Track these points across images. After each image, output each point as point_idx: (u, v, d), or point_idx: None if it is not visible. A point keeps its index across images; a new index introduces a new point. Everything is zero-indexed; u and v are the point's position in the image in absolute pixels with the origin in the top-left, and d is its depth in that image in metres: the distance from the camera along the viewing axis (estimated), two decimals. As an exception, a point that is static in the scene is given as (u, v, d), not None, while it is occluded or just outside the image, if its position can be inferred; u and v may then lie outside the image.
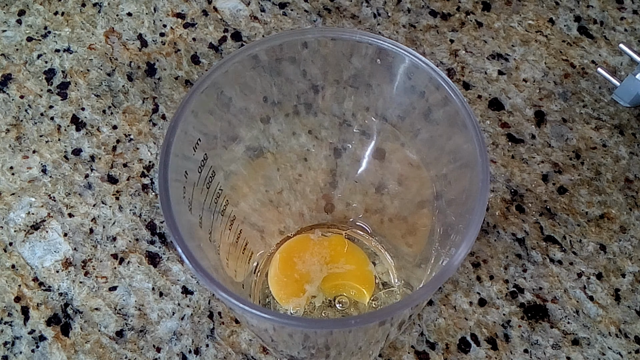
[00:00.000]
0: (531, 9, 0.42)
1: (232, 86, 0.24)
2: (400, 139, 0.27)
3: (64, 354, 0.32)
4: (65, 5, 0.43)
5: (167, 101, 0.39)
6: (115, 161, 0.37)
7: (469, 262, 0.34)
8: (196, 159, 0.23)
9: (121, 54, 0.41)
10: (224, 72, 0.22)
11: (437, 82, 0.22)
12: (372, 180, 0.31)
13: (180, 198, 0.21)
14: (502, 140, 0.38)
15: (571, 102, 0.39)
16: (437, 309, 0.33)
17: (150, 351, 0.32)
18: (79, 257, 0.34)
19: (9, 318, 0.33)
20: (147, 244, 0.35)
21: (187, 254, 0.19)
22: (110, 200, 0.36)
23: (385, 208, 0.32)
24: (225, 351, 0.32)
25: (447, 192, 0.25)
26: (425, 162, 0.27)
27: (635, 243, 0.35)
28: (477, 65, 0.40)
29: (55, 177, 0.37)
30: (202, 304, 0.33)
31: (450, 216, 0.24)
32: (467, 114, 0.21)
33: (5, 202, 0.36)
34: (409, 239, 0.31)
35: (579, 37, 0.41)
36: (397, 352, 0.32)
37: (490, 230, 0.35)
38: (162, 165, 0.20)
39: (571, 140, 0.38)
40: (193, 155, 0.22)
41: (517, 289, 0.33)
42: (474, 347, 0.32)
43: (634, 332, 0.32)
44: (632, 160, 0.37)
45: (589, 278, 0.34)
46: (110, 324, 0.33)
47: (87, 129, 0.38)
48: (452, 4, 0.43)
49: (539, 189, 0.36)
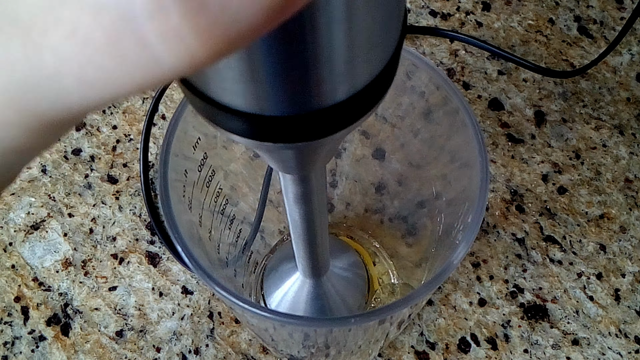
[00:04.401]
0: (531, 9, 0.42)
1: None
2: (400, 139, 0.27)
3: (64, 354, 0.32)
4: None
5: (167, 101, 0.39)
6: (115, 161, 0.37)
7: (469, 262, 0.34)
8: (196, 158, 0.23)
9: (121, 54, 0.41)
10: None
11: (437, 82, 0.22)
12: (372, 180, 0.31)
13: (180, 197, 0.21)
14: (502, 140, 0.38)
15: (571, 102, 0.39)
16: (437, 309, 0.33)
17: (150, 351, 0.32)
18: (79, 257, 0.34)
19: (9, 318, 0.33)
20: (147, 244, 0.35)
21: (187, 253, 0.19)
22: (110, 200, 0.36)
23: (385, 208, 0.32)
24: (225, 351, 0.32)
25: (447, 192, 0.25)
26: (425, 162, 0.27)
27: (635, 243, 0.35)
28: (477, 65, 0.40)
29: (55, 177, 0.37)
30: (202, 304, 0.33)
31: (450, 216, 0.24)
32: (467, 114, 0.21)
33: (5, 202, 0.36)
34: (409, 239, 0.31)
35: (579, 37, 0.41)
36: (397, 352, 0.32)
37: (490, 230, 0.35)
38: (162, 165, 0.20)
39: (571, 140, 0.38)
40: (193, 154, 0.22)
41: (517, 289, 0.33)
42: (474, 347, 0.32)
43: (634, 332, 0.32)
44: (632, 160, 0.37)
45: (589, 278, 0.34)
46: (110, 324, 0.33)
47: (87, 129, 0.38)
48: (452, 4, 0.43)
49: (539, 189, 0.36)
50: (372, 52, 0.11)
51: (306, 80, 0.11)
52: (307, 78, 0.10)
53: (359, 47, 0.10)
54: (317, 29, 0.09)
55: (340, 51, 0.10)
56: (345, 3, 0.09)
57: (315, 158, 0.15)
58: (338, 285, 0.29)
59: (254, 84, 0.10)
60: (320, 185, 0.18)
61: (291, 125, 0.11)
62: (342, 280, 0.30)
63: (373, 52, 0.11)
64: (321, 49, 0.10)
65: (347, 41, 0.10)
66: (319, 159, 0.15)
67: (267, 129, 0.12)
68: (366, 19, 0.10)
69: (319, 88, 0.11)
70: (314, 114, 0.11)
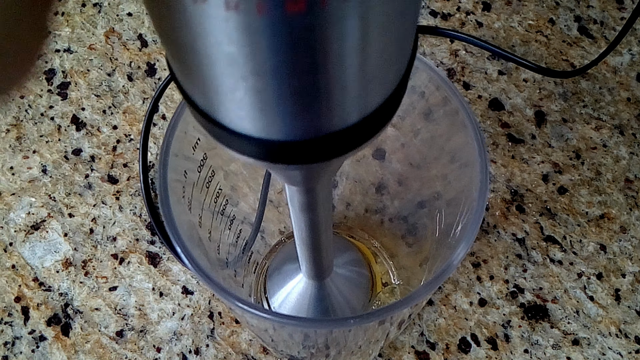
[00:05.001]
0: (531, 9, 0.42)
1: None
2: (400, 139, 0.27)
3: (64, 354, 0.32)
4: (65, 6, 0.43)
5: (167, 101, 0.39)
6: (115, 161, 0.37)
7: (469, 262, 0.34)
8: (196, 158, 0.23)
9: (121, 54, 0.41)
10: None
11: (437, 82, 0.22)
12: (372, 180, 0.31)
13: (180, 198, 0.21)
14: (502, 140, 0.38)
15: (571, 102, 0.39)
16: (437, 309, 0.33)
17: (151, 351, 0.32)
18: (79, 257, 0.34)
19: (9, 318, 0.33)
20: (147, 244, 0.35)
21: (187, 253, 0.19)
22: (110, 201, 0.36)
23: (385, 208, 0.32)
24: (225, 351, 0.32)
25: (447, 192, 0.25)
26: (425, 162, 0.27)
27: (635, 243, 0.35)
28: (477, 65, 0.40)
29: (56, 177, 0.37)
30: (202, 304, 0.33)
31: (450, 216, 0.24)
32: (467, 114, 0.21)
33: (6, 202, 0.36)
34: (409, 239, 0.31)
35: (579, 37, 0.41)
36: (397, 352, 0.32)
37: (490, 230, 0.35)
38: (161, 165, 0.20)
39: (571, 140, 0.38)
40: (193, 155, 0.22)
41: (517, 289, 0.33)
42: (474, 347, 0.32)
43: (634, 332, 0.32)
44: (632, 160, 0.37)
45: (589, 278, 0.34)
46: (110, 324, 0.33)
47: (87, 129, 0.38)
48: (452, 4, 0.43)
49: (539, 189, 0.36)
50: (384, 77, 0.11)
51: (318, 107, 0.10)
52: (319, 106, 0.10)
53: (371, 74, 0.10)
54: (330, 58, 0.09)
55: (353, 79, 0.10)
56: (359, 33, 0.09)
57: (322, 174, 0.15)
58: (341, 286, 0.29)
59: (265, 111, 0.10)
60: (326, 194, 0.18)
61: (300, 148, 0.11)
62: (346, 280, 0.30)
63: (385, 77, 0.11)
64: (334, 80, 0.10)
65: (359, 69, 0.10)
66: (326, 174, 0.15)
67: (278, 153, 0.11)
68: (379, 47, 0.10)
69: (330, 115, 0.11)
70: (325, 137, 0.11)
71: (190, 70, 0.10)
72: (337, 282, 0.29)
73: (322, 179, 0.16)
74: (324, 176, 0.16)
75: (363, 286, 0.31)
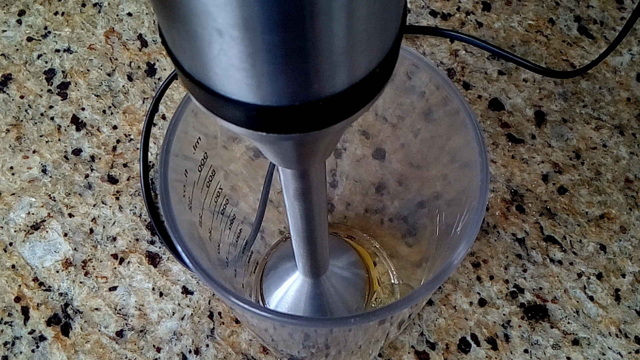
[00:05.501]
0: (531, 9, 0.42)
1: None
2: (400, 139, 0.27)
3: (64, 354, 0.32)
4: (65, 6, 0.43)
5: (167, 101, 0.39)
6: (115, 161, 0.37)
7: (469, 262, 0.34)
8: (196, 158, 0.23)
9: (121, 54, 0.41)
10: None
11: (437, 82, 0.22)
12: (372, 180, 0.31)
13: (180, 197, 0.21)
14: (502, 140, 0.38)
15: (571, 102, 0.39)
16: (437, 309, 0.33)
17: (150, 351, 0.32)
18: (79, 257, 0.34)
19: (9, 318, 0.33)
20: (147, 244, 0.35)
21: (188, 253, 0.19)
22: (110, 201, 0.36)
23: (385, 208, 0.32)
24: (225, 351, 0.32)
25: (447, 192, 0.25)
26: (425, 162, 0.27)
27: (635, 243, 0.35)
28: (477, 65, 0.40)
29: (56, 177, 0.37)
30: (202, 304, 0.33)
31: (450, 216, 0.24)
32: (467, 114, 0.21)
33: (5, 202, 0.36)
34: (409, 239, 0.31)
35: (579, 37, 0.41)
36: (397, 352, 0.32)
37: (490, 230, 0.35)
38: (162, 165, 0.20)
39: (571, 140, 0.38)
40: (193, 154, 0.22)
41: (517, 289, 0.33)
42: (474, 347, 0.32)
43: (634, 332, 0.32)
44: (632, 160, 0.37)
45: (589, 278, 0.34)
46: (110, 324, 0.33)
47: (87, 129, 0.38)
48: (452, 4, 0.43)
49: (539, 189, 0.36)
50: (371, 42, 0.11)
51: (305, 69, 0.11)
52: (307, 67, 0.10)
53: (359, 36, 0.10)
54: (316, 16, 0.09)
55: (340, 40, 0.10)
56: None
57: (314, 150, 0.15)
58: (337, 285, 0.29)
59: (253, 73, 0.10)
60: (319, 181, 0.18)
61: (290, 115, 0.11)
62: (342, 280, 0.30)
63: (372, 42, 0.11)
64: (320, 37, 0.10)
65: (346, 29, 0.10)
66: (318, 152, 0.15)
67: (266, 119, 0.12)
68: (366, 7, 0.10)
69: (318, 77, 0.11)
70: (313, 104, 0.11)
71: (178, 30, 0.10)
72: (333, 281, 0.29)
73: (315, 159, 0.16)
74: (316, 154, 0.15)
75: (359, 287, 0.31)
